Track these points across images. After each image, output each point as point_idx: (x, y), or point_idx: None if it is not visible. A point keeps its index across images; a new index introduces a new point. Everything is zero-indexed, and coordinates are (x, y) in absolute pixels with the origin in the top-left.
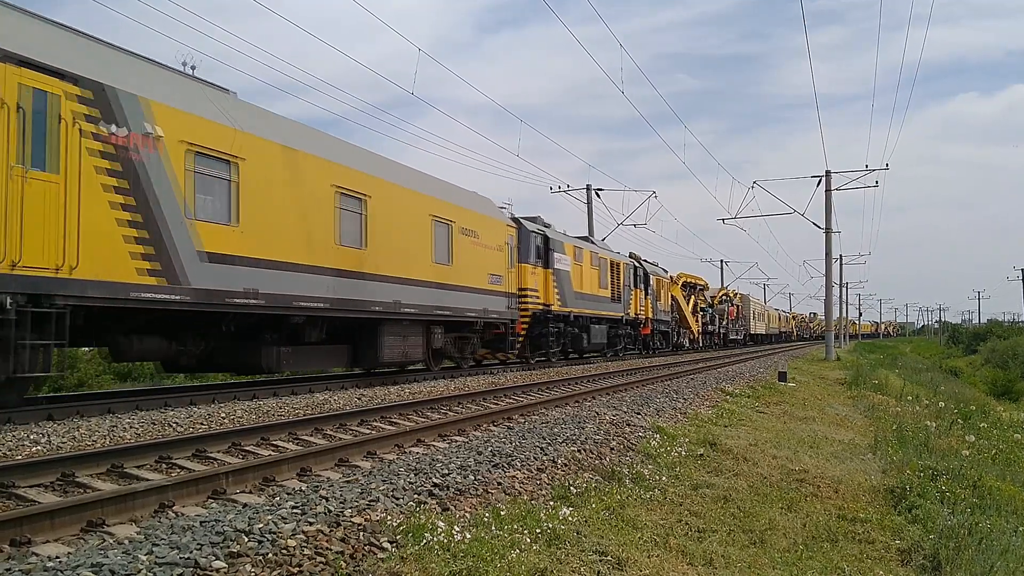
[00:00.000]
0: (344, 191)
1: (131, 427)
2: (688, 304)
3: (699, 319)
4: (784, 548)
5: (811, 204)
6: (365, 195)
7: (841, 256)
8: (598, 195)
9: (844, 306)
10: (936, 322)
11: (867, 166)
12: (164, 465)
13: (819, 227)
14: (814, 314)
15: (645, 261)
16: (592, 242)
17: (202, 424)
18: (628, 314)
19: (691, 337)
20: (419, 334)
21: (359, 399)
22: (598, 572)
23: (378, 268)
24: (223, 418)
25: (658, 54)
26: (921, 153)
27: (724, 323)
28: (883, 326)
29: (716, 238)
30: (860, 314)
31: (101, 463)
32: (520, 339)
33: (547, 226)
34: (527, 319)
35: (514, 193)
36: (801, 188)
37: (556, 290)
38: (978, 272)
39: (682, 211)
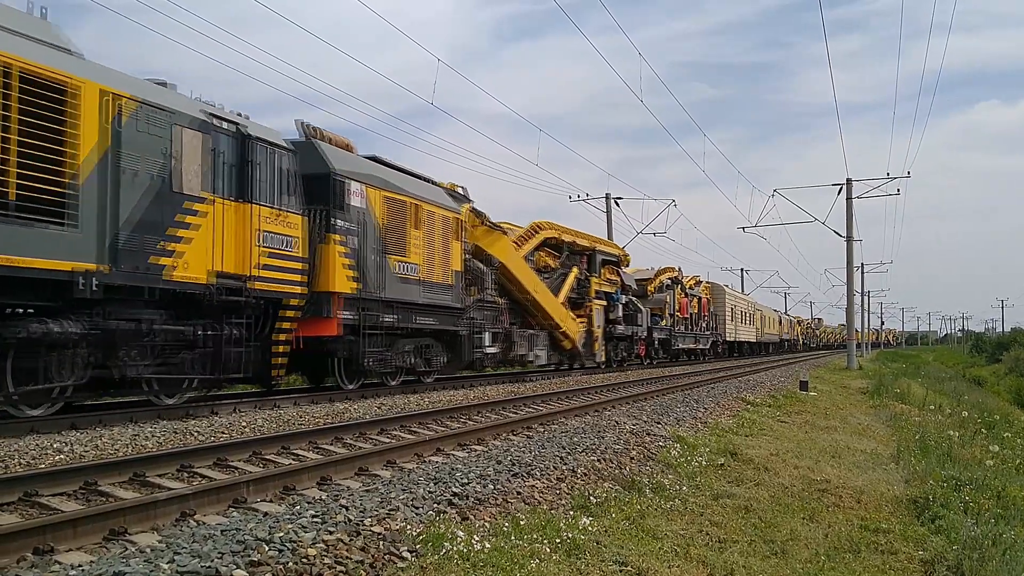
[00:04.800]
0: None
1: (153, 436)
2: (565, 281)
3: (597, 313)
4: (806, 559)
5: (832, 212)
6: None
7: (863, 264)
8: (617, 204)
9: (867, 315)
10: (959, 331)
11: (888, 174)
12: (186, 474)
13: (840, 235)
14: (819, 320)
15: (384, 162)
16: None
17: (223, 433)
18: (163, 276)
19: (566, 346)
20: None
21: (379, 408)
22: None
23: None
24: (244, 427)
25: (676, 63)
26: (942, 161)
27: (668, 323)
28: (884, 334)
29: (737, 247)
30: (882, 323)
31: (123, 471)
32: None
33: None
34: None
35: (534, 202)
36: (822, 196)
37: None
38: (1001, 280)
39: (702, 220)
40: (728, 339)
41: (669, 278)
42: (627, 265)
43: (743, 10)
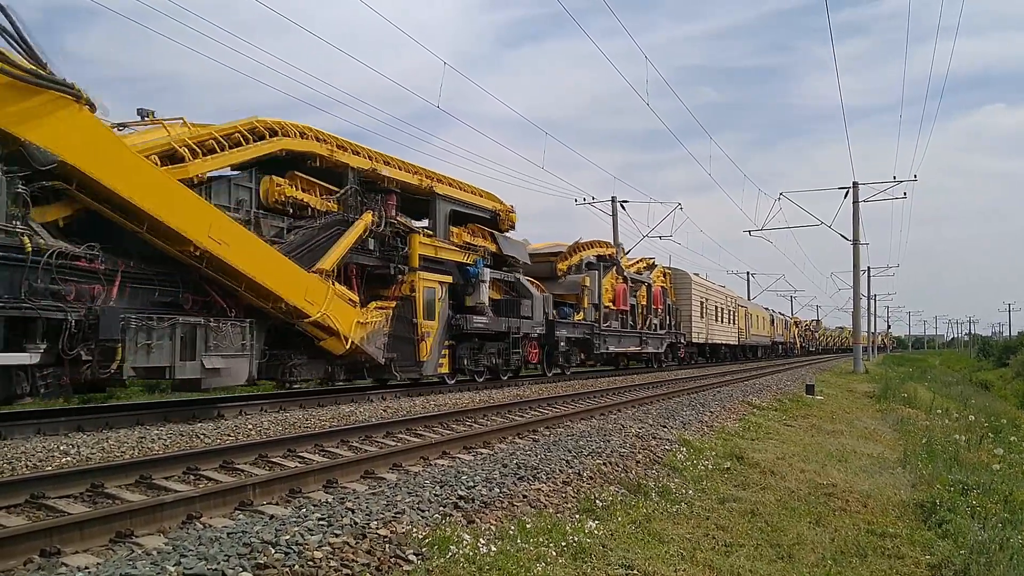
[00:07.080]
0: None
1: (159, 438)
2: (342, 236)
3: (429, 294)
4: (812, 563)
5: (838, 215)
6: None
7: (869, 268)
8: (623, 207)
9: (872, 318)
10: (966, 334)
11: (895, 177)
12: (192, 476)
13: (847, 239)
14: (817, 321)
15: None
16: None
17: (229, 436)
18: None
19: (334, 348)
20: None
21: (385, 411)
22: None
23: None
24: (250, 429)
25: (682, 66)
26: (948, 164)
27: (589, 317)
28: (883, 338)
29: (743, 250)
30: (888, 326)
31: (130, 474)
32: None
33: None
34: None
35: (540, 205)
36: (828, 199)
37: None
38: (1008, 284)
39: (708, 223)
40: (696, 340)
41: (596, 255)
42: (511, 227)
43: (748, 14)
